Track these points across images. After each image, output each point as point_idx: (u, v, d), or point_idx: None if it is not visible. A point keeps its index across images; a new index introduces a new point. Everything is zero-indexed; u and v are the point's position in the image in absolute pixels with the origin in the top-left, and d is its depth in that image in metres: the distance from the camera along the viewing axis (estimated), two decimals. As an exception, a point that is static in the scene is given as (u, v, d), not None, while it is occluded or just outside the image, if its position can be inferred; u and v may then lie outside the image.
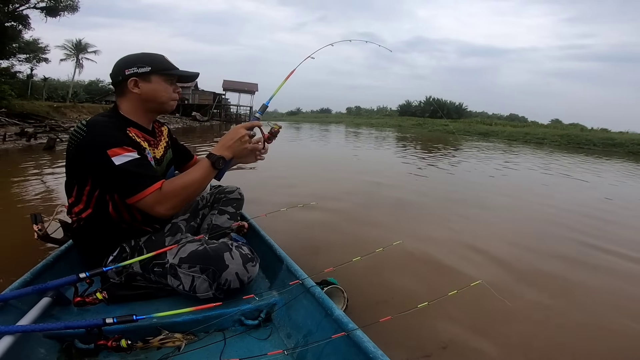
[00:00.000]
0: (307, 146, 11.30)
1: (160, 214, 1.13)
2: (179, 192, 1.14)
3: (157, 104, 1.26)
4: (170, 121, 20.81)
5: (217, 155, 1.19)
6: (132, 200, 1.11)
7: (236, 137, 1.22)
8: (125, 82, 1.20)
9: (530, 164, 9.36)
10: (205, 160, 1.19)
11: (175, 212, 1.18)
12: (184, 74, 1.29)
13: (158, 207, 1.11)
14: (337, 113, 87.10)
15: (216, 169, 1.20)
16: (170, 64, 1.27)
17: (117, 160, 1.07)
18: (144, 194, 1.09)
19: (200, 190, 1.21)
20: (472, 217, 3.54)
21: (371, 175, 5.60)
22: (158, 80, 1.22)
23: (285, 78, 1.36)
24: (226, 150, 1.21)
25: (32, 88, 20.40)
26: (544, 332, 1.65)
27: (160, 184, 1.12)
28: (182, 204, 1.17)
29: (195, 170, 1.18)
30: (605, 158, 13.20)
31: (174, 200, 1.13)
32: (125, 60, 1.22)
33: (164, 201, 1.11)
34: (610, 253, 2.71)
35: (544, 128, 29.90)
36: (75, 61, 30.13)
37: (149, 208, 1.11)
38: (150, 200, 1.10)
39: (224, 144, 1.22)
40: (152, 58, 1.23)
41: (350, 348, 0.98)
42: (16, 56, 19.70)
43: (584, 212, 4.04)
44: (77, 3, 16.99)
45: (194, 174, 1.17)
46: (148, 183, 1.10)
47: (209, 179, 1.21)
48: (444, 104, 48.68)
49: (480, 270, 2.23)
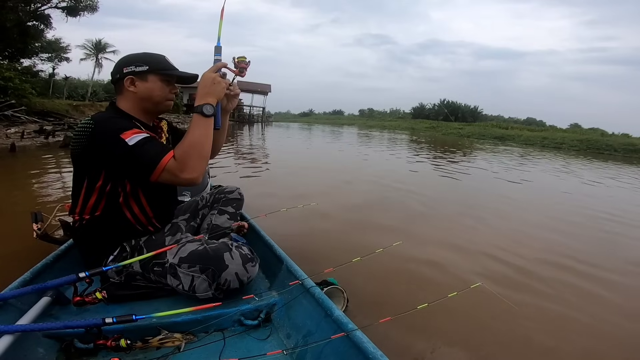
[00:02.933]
0: (314, 147, 11.33)
1: (187, 179, 1.12)
2: (189, 151, 1.12)
3: (152, 104, 1.26)
4: (185, 121, 21.10)
5: (201, 104, 1.18)
6: (154, 175, 1.10)
7: (209, 82, 1.20)
8: (123, 80, 1.21)
9: (540, 166, 9.29)
10: (195, 115, 1.18)
11: (200, 174, 1.15)
12: (181, 75, 1.29)
13: (182, 173, 1.10)
14: (350, 115, 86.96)
15: (208, 115, 1.18)
16: (169, 64, 1.27)
17: (131, 140, 1.08)
18: (162, 164, 1.09)
19: (208, 142, 1.19)
20: (474, 220, 3.51)
21: (374, 176, 5.61)
22: (155, 80, 1.23)
23: (220, 15, 1.27)
24: (207, 97, 1.19)
25: (53, 87, 20.91)
26: (544, 333, 1.64)
27: (172, 152, 1.12)
28: (201, 163, 1.15)
29: (191, 128, 1.17)
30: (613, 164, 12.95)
31: (191, 161, 1.12)
32: (125, 59, 1.23)
33: (182, 166, 1.11)
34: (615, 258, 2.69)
35: (562, 132, 29.21)
36: (95, 61, 30.77)
37: (174, 176, 1.11)
38: (171, 169, 1.10)
39: (201, 92, 1.20)
40: (151, 58, 1.24)
41: (350, 348, 0.98)
42: (38, 55, 20.28)
43: (593, 215, 4.00)
44: (96, 3, 17.39)
45: (193, 130, 1.16)
46: (162, 154, 1.10)
47: (209, 128, 1.19)
48: (459, 107, 48.03)
49: (480, 272, 2.23)
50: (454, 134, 28.10)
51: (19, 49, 15.88)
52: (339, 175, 5.78)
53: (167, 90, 1.27)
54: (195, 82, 1.34)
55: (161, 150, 1.11)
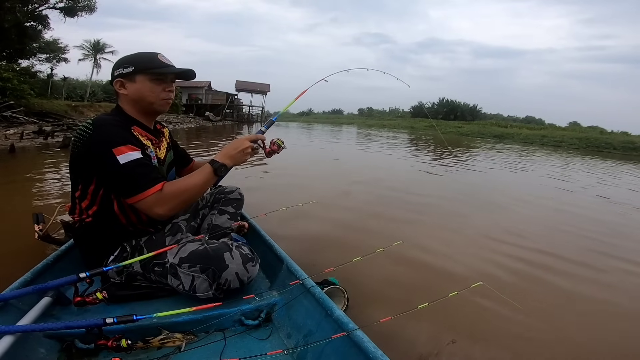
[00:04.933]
0: (314, 145, 11.31)
1: (159, 215, 1.14)
2: (179, 194, 1.15)
3: (145, 104, 1.25)
4: (184, 121, 21.09)
5: (220, 162, 1.20)
6: (132, 200, 1.12)
7: (240, 148, 1.23)
8: (114, 84, 1.22)
9: (539, 165, 9.26)
10: (208, 167, 1.20)
11: (171, 214, 1.18)
12: (172, 72, 1.25)
13: (157, 209, 1.12)
14: (349, 114, 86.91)
15: (217, 175, 1.21)
16: (159, 62, 1.22)
17: (122, 159, 1.08)
18: (145, 194, 1.10)
19: (200, 194, 1.23)
20: (474, 219, 3.50)
21: (375, 175, 5.59)
22: (143, 80, 1.21)
23: (296, 97, 1.39)
24: (228, 159, 1.22)
25: (52, 87, 20.89)
26: (545, 331, 1.64)
27: (161, 185, 1.12)
28: (180, 207, 1.18)
29: (197, 174, 1.19)
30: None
31: (174, 202, 1.14)
32: (117, 62, 1.23)
33: (163, 203, 1.12)
34: (618, 258, 2.66)
35: (561, 131, 29.29)
36: (93, 61, 30.77)
37: (148, 209, 1.12)
38: (150, 201, 1.11)
39: (227, 153, 1.23)
40: (139, 58, 1.21)
41: (350, 348, 0.98)
42: (36, 56, 20.28)
43: (596, 217, 3.96)
44: (94, 3, 17.42)
45: (196, 178, 1.18)
46: (150, 184, 1.11)
47: (209, 185, 1.22)
48: (458, 105, 48.07)
49: (481, 271, 2.22)
50: (453, 133, 28.12)
51: (17, 50, 15.88)
52: (339, 174, 5.77)
53: (158, 89, 1.23)
54: (192, 78, 1.32)
55: (149, 181, 1.11)
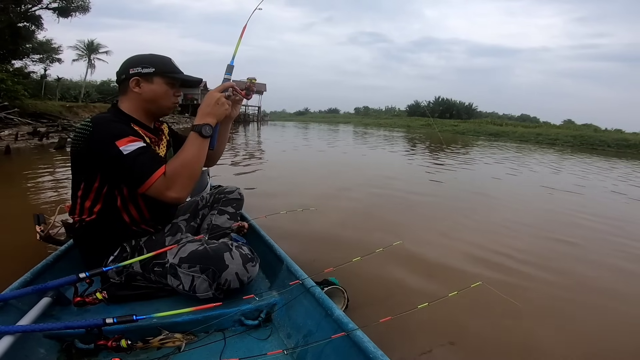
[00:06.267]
0: (310, 146, 11.29)
1: (173, 199, 1.12)
2: (180, 170, 1.13)
3: (156, 106, 1.26)
4: (180, 121, 20.99)
5: (200, 124, 1.18)
6: (142, 188, 1.10)
7: (212, 101, 1.21)
8: (128, 81, 1.21)
9: (535, 161, 9.28)
10: (192, 133, 1.18)
11: (186, 194, 1.16)
12: (187, 79, 1.29)
13: (169, 192, 1.11)
14: (345, 113, 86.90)
15: (204, 136, 1.18)
16: (176, 67, 1.27)
17: (125, 149, 1.08)
18: (151, 180, 1.09)
19: (200, 163, 1.19)
20: (474, 218, 3.51)
21: (373, 175, 5.59)
22: (160, 82, 1.23)
23: (240, 35, 1.31)
24: (207, 117, 1.20)
25: (45, 88, 20.72)
26: (545, 331, 1.64)
27: (163, 168, 1.12)
28: (189, 183, 1.16)
29: (186, 146, 1.18)
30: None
31: (180, 180, 1.13)
32: (132, 60, 1.23)
33: (171, 184, 1.11)
34: (619, 257, 2.66)
35: (556, 129, 29.47)
36: (87, 61, 30.53)
37: (160, 194, 1.11)
38: (159, 186, 1.10)
39: (203, 111, 1.20)
40: (158, 60, 1.24)
41: (350, 348, 0.98)
42: (30, 56, 20.09)
43: (594, 213, 3.99)
44: (88, 4, 17.30)
45: (187, 149, 1.17)
46: (154, 168, 1.10)
47: (203, 149, 1.20)
48: (454, 104, 48.27)
49: (481, 271, 2.22)
50: (449, 131, 28.20)
51: (10, 51, 15.75)
52: (338, 174, 5.77)
53: (171, 93, 1.27)
54: (198, 85, 1.35)
55: (153, 165, 1.11)
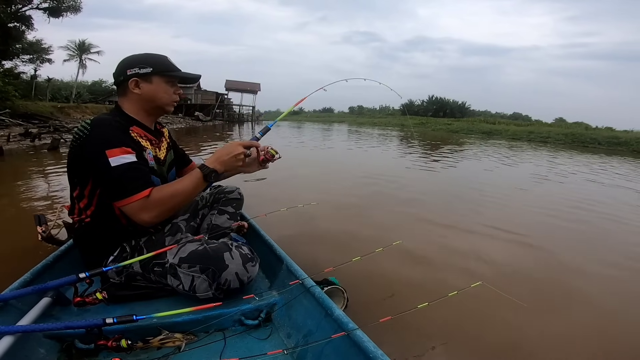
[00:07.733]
0: (308, 146, 11.28)
1: (143, 222, 1.12)
2: (166, 200, 1.13)
3: (156, 105, 1.26)
4: (173, 121, 20.87)
5: (210, 168, 1.17)
6: (119, 204, 1.11)
7: (232, 153, 1.20)
8: (127, 82, 1.21)
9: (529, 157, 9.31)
10: (198, 172, 1.17)
11: (158, 221, 1.16)
12: (185, 76, 1.29)
13: (142, 215, 1.10)
14: (340, 112, 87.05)
15: (207, 182, 1.18)
16: (173, 65, 1.27)
17: (114, 161, 1.07)
18: (131, 199, 1.09)
19: (188, 201, 1.20)
20: (473, 217, 3.51)
21: (372, 175, 5.57)
22: (159, 82, 1.23)
23: (294, 104, 1.41)
24: (219, 164, 1.19)
25: (36, 89, 20.49)
26: (547, 330, 1.64)
27: (148, 191, 1.11)
28: (167, 213, 1.16)
29: (186, 180, 1.17)
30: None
31: (161, 208, 1.12)
32: (128, 61, 1.22)
33: (149, 209, 1.10)
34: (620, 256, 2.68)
35: (548, 127, 29.76)
36: (79, 62, 30.27)
37: (133, 214, 1.11)
38: (135, 207, 1.09)
39: (219, 158, 1.20)
40: (155, 59, 1.23)
41: (350, 348, 0.98)
42: (20, 57, 19.85)
43: (599, 214, 4.00)
44: (79, 4, 17.14)
45: (184, 184, 1.16)
46: (137, 189, 1.09)
47: (199, 191, 1.20)
48: (447, 102, 48.57)
49: (481, 270, 2.22)
50: (443, 130, 28.34)
51: (0, 51, 15.52)
52: (337, 174, 5.76)
53: (171, 91, 1.27)
54: (197, 82, 1.35)
55: (138, 185, 1.10)
